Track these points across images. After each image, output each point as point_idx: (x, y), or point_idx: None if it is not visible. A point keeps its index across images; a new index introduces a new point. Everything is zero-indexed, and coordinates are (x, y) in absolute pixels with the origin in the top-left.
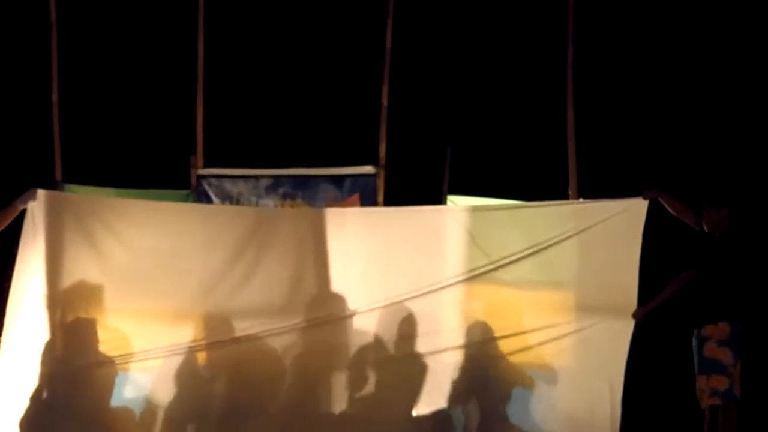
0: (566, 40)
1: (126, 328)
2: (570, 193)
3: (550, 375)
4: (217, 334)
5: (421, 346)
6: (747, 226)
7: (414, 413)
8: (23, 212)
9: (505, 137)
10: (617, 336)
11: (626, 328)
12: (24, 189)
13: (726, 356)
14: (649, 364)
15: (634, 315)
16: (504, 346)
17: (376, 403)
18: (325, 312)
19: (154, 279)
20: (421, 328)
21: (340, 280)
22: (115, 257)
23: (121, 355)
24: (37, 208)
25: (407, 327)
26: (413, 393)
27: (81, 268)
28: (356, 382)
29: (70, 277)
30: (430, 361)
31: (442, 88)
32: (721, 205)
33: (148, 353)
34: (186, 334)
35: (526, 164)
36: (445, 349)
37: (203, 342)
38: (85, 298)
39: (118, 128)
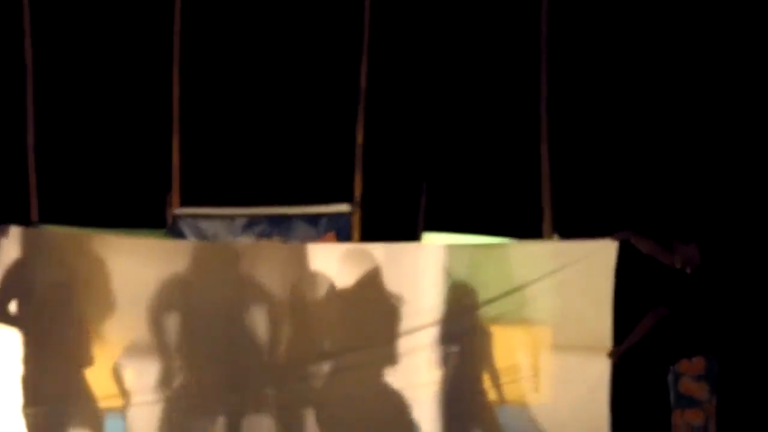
0: (539, 76)
1: (105, 365)
2: (544, 227)
3: (533, 413)
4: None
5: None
6: (718, 261)
7: None
8: None
9: (480, 174)
10: (595, 374)
11: (603, 366)
12: None
13: (701, 391)
14: (625, 400)
15: (610, 355)
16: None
17: None
18: (304, 354)
19: (133, 315)
20: (398, 370)
21: (317, 320)
22: (91, 293)
23: (104, 396)
24: (8, 244)
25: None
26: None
27: (58, 309)
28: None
29: (44, 315)
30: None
31: (416, 126)
32: (690, 239)
33: (128, 393)
34: (167, 375)
35: (500, 200)
36: (424, 385)
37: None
38: (60, 337)
39: (93, 168)
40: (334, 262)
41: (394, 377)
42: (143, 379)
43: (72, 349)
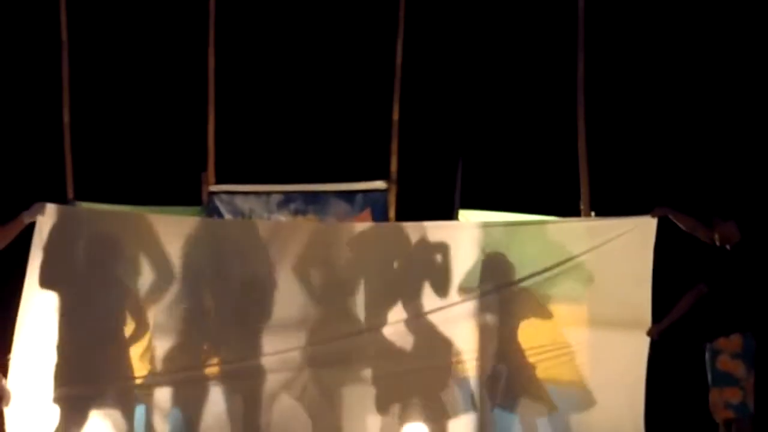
0: (577, 52)
1: (139, 344)
2: (582, 206)
3: (568, 390)
4: (233, 355)
5: (434, 360)
6: (757, 238)
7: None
8: (32, 227)
9: (517, 151)
10: (634, 352)
11: (642, 344)
12: None
13: (739, 369)
14: (662, 378)
15: (649, 333)
16: (519, 360)
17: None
18: (338, 329)
19: (167, 294)
20: (435, 346)
21: (352, 296)
22: (126, 272)
23: (136, 376)
24: (45, 222)
25: (421, 343)
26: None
27: (93, 283)
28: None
29: (82, 293)
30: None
31: (453, 102)
32: (729, 217)
33: (163, 373)
34: (202, 353)
35: (537, 177)
36: (461, 363)
37: (219, 363)
38: (98, 314)
39: (129, 146)
40: (370, 240)
41: (431, 350)
42: (175, 356)
43: (107, 327)
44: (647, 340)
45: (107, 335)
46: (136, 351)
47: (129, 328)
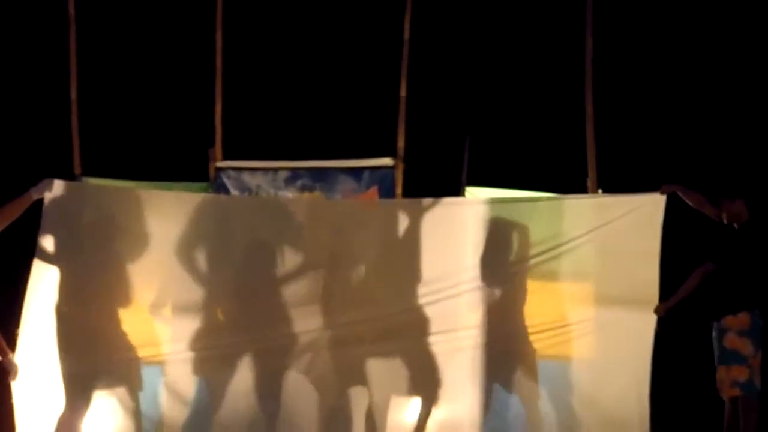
0: (585, 29)
1: (147, 320)
2: (589, 183)
3: (575, 366)
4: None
5: (441, 338)
6: (766, 217)
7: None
8: (39, 203)
9: (524, 128)
10: (640, 330)
11: (649, 322)
12: None
13: (746, 347)
14: (669, 356)
15: (656, 311)
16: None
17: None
18: (344, 305)
19: (174, 270)
20: (440, 323)
21: (361, 275)
22: (134, 247)
23: (144, 348)
24: (53, 198)
25: (427, 322)
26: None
27: (100, 259)
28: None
29: (89, 268)
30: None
31: (460, 80)
32: (738, 196)
33: (171, 347)
34: (211, 329)
35: (544, 155)
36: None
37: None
38: (105, 289)
39: (136, 121)
40: (377, 217)
41: (437, 322)
42: (182, 331)
43: (112, 301)
44: (654, 317)
45: (113, 310)
46: (141, 326)
47: (135, 303)
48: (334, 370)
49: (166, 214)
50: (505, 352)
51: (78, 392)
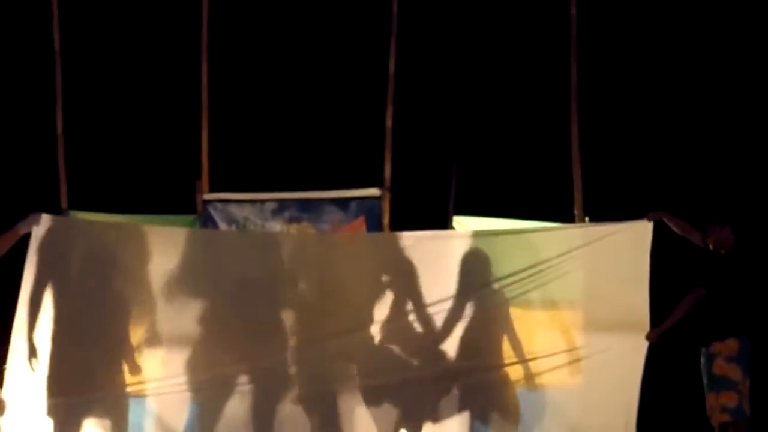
0: (569, 58)
1: (134, 355)
2: (576, 212)
3: (564, 394)
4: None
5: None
6: (753, 242)
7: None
8: (26, 237)
9: (511, 157)
10: (631, 357)
11: (639, 349)
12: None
13: (735, 373)
14: (658, 382)
15: (648, 337)
16: (515, 366)
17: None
18: (330, 336)
19: (162, 305)
20: (428, 350)
21: (347, 305)
22: (122, 281)
23: (132, 382)
24: (40, 232)
25: (413, 347)
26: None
27: (88, 293)
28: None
29: (76, 302)
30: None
31: (446, 109)
32: (725, 222)
33: (156, 383)
34: (200, 362)
35: (531, 183)
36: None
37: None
38: (92, 323)
39: (123, 155)
40: (363, 249)
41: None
42: (170, 366)
43: (100, 336)
44: (645, 344)
45: (101, 345)
46: (132, 359)
47: (123, 337)
48: (322, 401)
49: (154, 249)
50: (485, 384)
51: (66, 424)
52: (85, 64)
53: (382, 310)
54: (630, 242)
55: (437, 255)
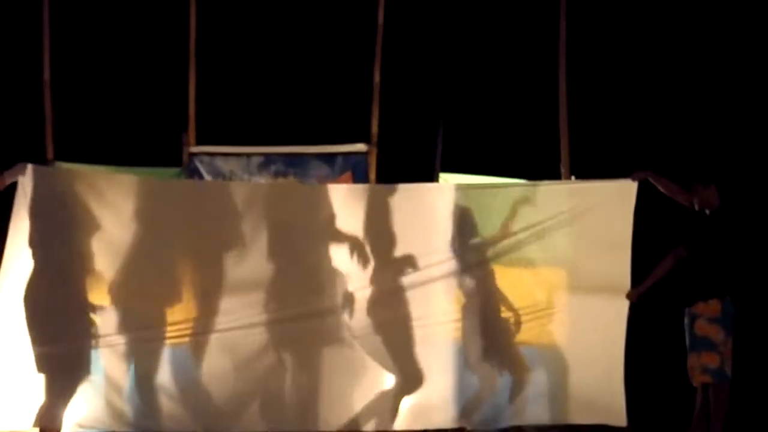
0: (559, 16)
1: (117, 304)
2: (562, 169)
3: (546, 353)
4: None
5: (415, 323)
6: (738, 203)
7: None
8: (13, 187)
9: (498, 114)
10: (613, 316)
11: (621, 307)
12: None
13: (717, 333)
14: (641, 342)
15: (628, 296)
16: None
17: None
18: (316, 290)
19: (147, 254)
20: (414, 306)
21: (333, 259)
22: (107, 231)
23: (109, 333)
24: (27, 182)
25: (401, 306)
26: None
27: (72, 243)
28: (350, 358)
29: (61, 252)
30: (425, 338)
31: (434, 66)
32: (710, 182)
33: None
34: (178, 315)
35: (518, 141)
36: (440, 324)
37: (192, 325)
38: (76, 273)
39: (109, 107)
40: (350, 202)
41: (411, 306)
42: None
43: (82, 281)
44: (626, 303)
45: (83, 294)
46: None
47: (95, 287)
48: (310, 348)
49: (138, 199)
50: (487, 336)
51: (57, 378)
52: (74, 11)
53: (370, 263)
54: (614, 203)
55: (422, 208)
